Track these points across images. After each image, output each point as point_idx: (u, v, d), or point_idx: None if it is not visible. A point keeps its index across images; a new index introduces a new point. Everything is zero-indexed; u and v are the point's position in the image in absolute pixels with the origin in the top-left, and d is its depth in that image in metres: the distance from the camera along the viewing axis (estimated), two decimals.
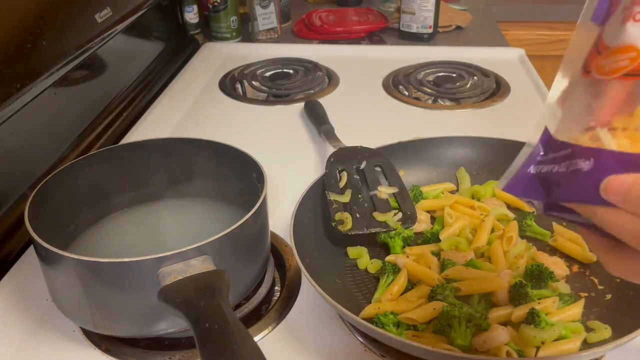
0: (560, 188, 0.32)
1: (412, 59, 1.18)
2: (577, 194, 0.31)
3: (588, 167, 0.31)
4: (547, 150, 0.35)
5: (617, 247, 0.32)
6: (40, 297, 0.61)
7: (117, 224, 0.66)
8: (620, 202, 0.29)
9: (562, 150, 0.33)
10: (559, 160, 0.33)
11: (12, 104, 0.67)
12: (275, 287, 0.64)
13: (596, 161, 0.30)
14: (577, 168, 0.31)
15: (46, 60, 0.72)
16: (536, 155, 0.35)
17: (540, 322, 0.53)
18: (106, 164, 0.64)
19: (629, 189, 0.29)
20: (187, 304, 0.44)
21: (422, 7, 1.28)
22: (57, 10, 0.75)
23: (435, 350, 0.47)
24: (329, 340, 0.56)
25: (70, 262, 0.49)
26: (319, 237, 0.65)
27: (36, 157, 0.79)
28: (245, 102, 1.07)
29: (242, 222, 0.52)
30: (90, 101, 0.93)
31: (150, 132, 0.94)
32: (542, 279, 0.58)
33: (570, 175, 0.32)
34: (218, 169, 0.65)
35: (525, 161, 0.36)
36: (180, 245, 0.48)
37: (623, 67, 0.31)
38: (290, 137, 0.94)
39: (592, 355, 0.47)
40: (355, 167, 0.70)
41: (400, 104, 1.03)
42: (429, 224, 0.69)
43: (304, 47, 1.30)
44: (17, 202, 0.72)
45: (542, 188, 0.34)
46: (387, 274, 0.60)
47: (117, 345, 0.56)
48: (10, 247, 0.68)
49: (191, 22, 1.33)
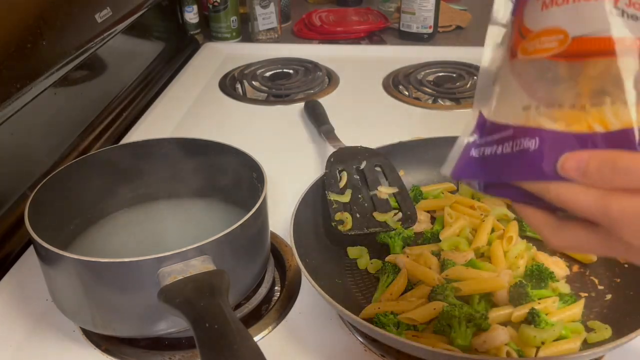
0: (510, 168, 0.33)
1: (412, 59, 1.18)
2: (530, 172, 0.32)
3: (535, 147, 0.32)
4: (484, 133, 0.36)
5: (561, 222, 0.34)
6: (40, 297, 0.61)
7: (117, 224, 0.66)
8: (579, 177, 0.30)
9: (503, 132, 0.34)
10: (501, 141, 0.34)
11: (12, 104, 0.67)
12: (275, 287, 0.64)
13: (542, 140, 0.32)
14: (524, 148, 0.32)
15: (46, 60, 0.72)
16: (474, 139, 0.37)
17: (540, 322, 0.53)
18: (106, 164, 0.64)
19: (586, 164, 0.30)
20: (187, 304, 0.44)
21: (422, 7, 1.28)
22: (57, 10, 0.75)
23: (435, 350, 0.47)
24: (329, 340, 0.56)
25: (70, 262, 0.49)
26: (319, 237, 0.65)
27: (36, 157, 0.79)
28: (245, 102, 1.07)
29: (242, 222, 0.52)
30: (90, 101, 0.93)
31: (150, 132, 0.94)
32: (542, 279, 0.58)
33: (518, 155, 0.33)
34: (218, 169, 0.65)
35: (466, 146, 0.37)
36: (180, 245, 0.48)
37: (550, 48, 0.32)
38: (290, 137, 0.94)
39: (592, 355, 0.47)
40: (355, 167, 0.70)
41: (400, 104, 1.03)
42: (429, 224, 0.69)
43: (304, 47, 1.30)
44: (17, 202, 0.72)
45: (490, 170, 0.35)
46: (387, 274, 0.60)
47: (117, 345, 0.56)
48: (10, 247, 0.68)
49: (191, 22, 1.33)
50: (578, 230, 0.33)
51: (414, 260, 0.61)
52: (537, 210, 0.35)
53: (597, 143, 0.30)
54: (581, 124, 0.31)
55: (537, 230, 0.36)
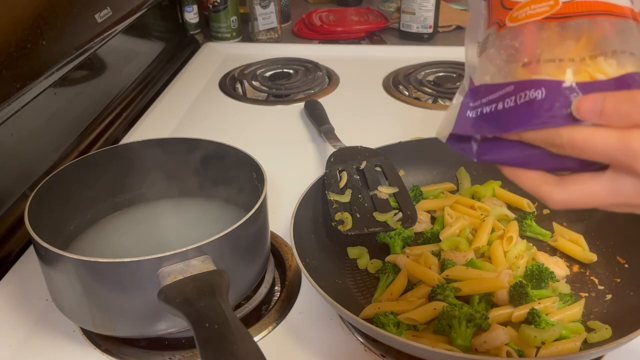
0: (517, 119, 0.34)
1: (412, 59, 1.18)
2: (539, 120, 0.33)
3: (542, 96, 0.33)
4: (477, 97, 0.37)
5: (560, 178, 0.34)
6: (40, 297, 0.61)
7: (117, 224, 0.66)
8: (595, 117, 0.31)
9: (502, 90, 0.35)
10: (502, 98, 0.35)
11: (12, 104, 0.67)
12: (275, 287, 0.64)
13: (549, 89, 0.33)
14: (530, 99, 0.34)
15: (46, 60, 0.72)
16: (468, 102, 0.38)
17: (540, 322, 0.53)
18: (106, 164, 0.64)
19: (602, 105, 0.31)
20: (187, 304, 0.44)
21: (422, 7, 1.28)
22: (57, 10, 0.75)
23: (435, 350, 0.47)
24: (329, 340, 0.56)
25: (70, 262, 0.49)
26: (319, 237, 0.65)
27: (36, 157, 0.79)
28: (245, 102, 1.07)
29: (242, 222, 0.52)
30: (90, 101, 0.93)
31: (150, 132, 0.94)
32: (542, 279, 0.58)
33: (525, 105, 0.34)
34: (218, 169, 0.65)
35: (462, 107, 0.38)
36: (180, 245, 0.48)
37: (542, 12, 0.35)
38: (290, 137, 0.94)
39: (592, 355, 0.47)
40: (355, 167, 0.70)
41: (400, 104, 1.03)
42: (429, 224, 0.69)
43: (304, 47, 1.30)
44: (17, 202, 0.72)
45: (491, 125, 0.36)
46: (387, 274, 0.60)
47: (117, 345, 0.56)
48: (10, 247, 0.68)
49: (191, 22, 1.33)
50: (583, 180, 0.33)
51: (414, 260, 0.61)
52: (533, 171, 0.36)
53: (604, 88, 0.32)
54: (583, 75, 0.33)
55: (535, 191, 0.36)
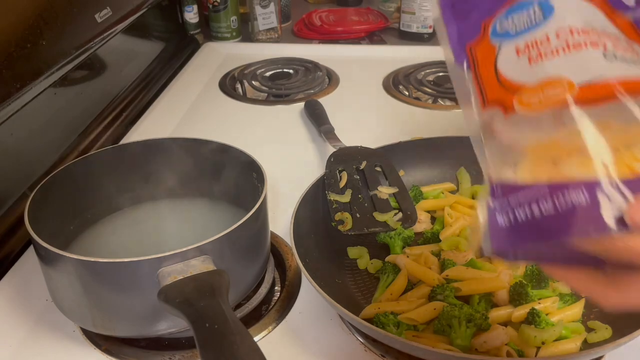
0: (560, 228, 0.30)
1: (412, 59, 1.18)
2: (592, 227, 0.29)
3: (587, 199, 0.29)
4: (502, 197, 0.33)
5: (613, 277, 0.32)
6: (40, 297, 0.61)
7: (117, 224, 0.66)
8: None
9: (532, 192, 0.31)
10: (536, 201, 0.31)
11: (12, 104, 0.67)
12: (275, 287, 0.64)
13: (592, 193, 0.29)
14: (573, 204, 0.30)
15: (46, 60, 0.72)
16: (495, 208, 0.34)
17: (540, 322, 0.53)
18: (106, 164, 0.64)
19: None
20: (187, 304, 0.44)
21: (422, 7, 1.28)
22: (57, 10, 0.75)
23: (435, 350, 0.47)
24: (329, 340, 0.56)
25: (70, 262, 0.49)
26: (319, 237, 0.65)
27: (36, 157, 0.79)
28: (245, 102, 1.07)
29: (242, 222, 0.52)
30: (90, 101, 0.93)
31: (150, 132, 0.94)
32: (542, 279, 0.58)
33: (569, 213, 0.30)
34: (218, 169, 0.65)
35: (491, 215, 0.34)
36: (180, 245, 0.48)
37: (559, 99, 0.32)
38: (290, 137, 0.94)
39: (592, 355, 0.47)
40: (355, 167, 0.70)
41: (400, 104, 1.03)
42: (429, 224, 0.69)
43: (304, 47, 1.30)
44: (17, 202, 0.72)
45: (532, 234, 0.32)
46: (387, 274, 0.60)
47: (117, 345, 0.56)
48: (10, 247, 0.68)
49: (191, 22, 1.33)
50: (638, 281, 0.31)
51: (414, 260, 0.61)
52: (580, 270, 0.32)
53: None
54: (621, 167, 0.29)
55: (586, 292, 0.33)
